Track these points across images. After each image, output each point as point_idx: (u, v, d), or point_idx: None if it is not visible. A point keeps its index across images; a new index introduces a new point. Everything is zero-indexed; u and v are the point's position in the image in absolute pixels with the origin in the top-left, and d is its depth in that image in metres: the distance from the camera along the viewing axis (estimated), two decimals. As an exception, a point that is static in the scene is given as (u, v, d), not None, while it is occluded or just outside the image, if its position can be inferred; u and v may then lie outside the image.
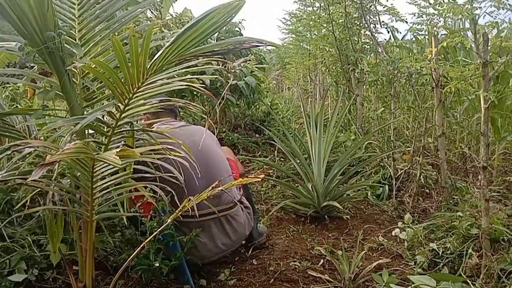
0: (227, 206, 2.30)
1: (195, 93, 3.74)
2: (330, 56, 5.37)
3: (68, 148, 1.00)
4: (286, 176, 4.08)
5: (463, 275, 2.15)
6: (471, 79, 2.30)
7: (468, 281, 2.05)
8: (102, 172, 1.38)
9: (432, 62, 2.69)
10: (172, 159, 1.65)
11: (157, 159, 1.55)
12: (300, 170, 3.48)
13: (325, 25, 5.08)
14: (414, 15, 2.77)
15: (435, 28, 2.76)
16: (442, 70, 2.65)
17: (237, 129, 5.92)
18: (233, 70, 3.68)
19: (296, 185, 3.57)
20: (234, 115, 6.11)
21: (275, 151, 5.06)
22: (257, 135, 5.95)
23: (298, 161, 3.53)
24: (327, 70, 6.01)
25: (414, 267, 2.37)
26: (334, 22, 4.66)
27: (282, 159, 4.95)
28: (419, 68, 2.80)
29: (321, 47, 5.70)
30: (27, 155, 1.44)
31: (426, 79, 3.69)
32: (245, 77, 4.05)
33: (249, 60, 4.17)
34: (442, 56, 3.17)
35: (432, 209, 3.09)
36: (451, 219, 2.58)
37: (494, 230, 2.24)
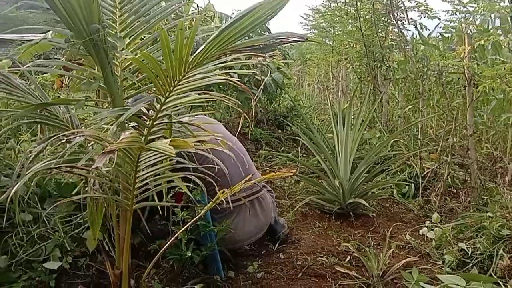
0: (256, 189, 2.42)
1: (221, 87, 3.77)
2: (355, 52, 5.33)
3: (126, 138, 1.03)
4: (310, 172, 4.09)
5: (493, 276, 2.14)
6: (506, 78, 2.27)
7: (499, 282, 2.04)
8: (146, 162, 1.41)
9: (465, 61, 2.65)
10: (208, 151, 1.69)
11: (199, 151, 1.58)
12: (325, 166, 3.47)
13: (351, 21, 5.04)
14: (448, 12, 2.73)
15: (467, 26, 2.72)
16: (476, 69, 2.62)
17: (260, 124, 5.94)
18: (259, 65, 3.69)
19: (320, 181, 3.58)
20: (257, 110, 6.13)
21: (298, 147, 5.07)
22: (279, 131, 5.96)
23: (323, 156, 3.53)
24: (351, 67, 5.97)
25: (443, 267, 2.36)
26: (361, 18, 4.63)
27: (305, 155, 4.95)
28: (451, 66, 2.76)
29: (346, 43, 5.67)
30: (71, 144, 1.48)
31: (456, 78, 3.65)
32: (272, 72, 4.05)
33: (275, 56, 4.17)
34: (474, 56, 3.12)
35: (460, 209, 3.06)
36: (481, 220, 2.55)
37: (526, 232, 2.22)
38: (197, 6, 5.32)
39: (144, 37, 1.86)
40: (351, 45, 5.62)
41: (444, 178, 3.18)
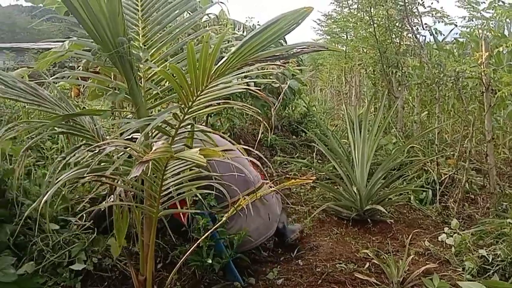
0: (252, 190, 2.38)
1: (237, 94, 3.81)
2: (369, 58, 5.33)
3: (159, 148, 1.07)
4: (325, 178, 4.10)
5: (515, 283, 2.12)
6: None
7: (522, 289, 2.02)
8: (173, 171, 1.45)
9: (482, 66, 2.65)
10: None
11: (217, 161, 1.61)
12: (341, 172, 3.48)
13: (365, 27, 5.05)
14: (464, 18, 2.73)
15: (485, 32, 2.71)
16: (492, 74, 2.61)
17: (274, 131, 5.97)
18: (275, 73, 3.72)
19: (336, 187, 3.58)
20: (270, 117, 6.15)
21: (313, 153, 5.08)
22: (294, 137, 5.98)
23: (339, 161, 3.53)
24: (365, 72, 5.97)
25: (463, 273, 2.35)
26: (375, 24, 4.64)
27: (320, 161, 4.96)
28: (467, 71, 2.76)
29: (359, 49, 5.68)
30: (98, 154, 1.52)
31: (471, 83, 3.63)
32: (288, 80, 4.08)
33: (290, 63, 4.20)
34: (492, 61, 3.10)
35: (479, 215, 3.04)
36: (501, 226, 2.53)
37: (549, 239, 2.20)
38: (209, 15, 5.40)
39: (167, 48, 1.91)
40: (365, 51, 5.63)
41: (462, 184, 3.17)
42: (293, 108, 6.58)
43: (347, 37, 7.45)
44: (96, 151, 1.31)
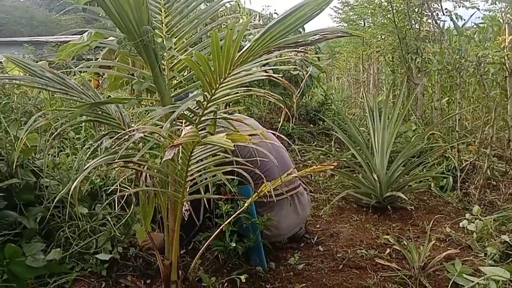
0: (296, 185, 2.50)
1: (256, 82, 3.82)
2: (388, 45, 5.27)
3: (188, 132, 1.10)
4: (344, 166, 4.10)
5: (539, 268, 2.11)
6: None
7: (545, 274, 2.01)
8: (198, 156, 1.48)
9: (506, 50, 2.60)
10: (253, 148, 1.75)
11: (241, 146, 1.64)
12: (361, 160, 3.48)
13: (384, 13, 4.99)
14: (487, 1, 2.68)
15: (509, 15, 2.66)
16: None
17: (292, 120, 5.97)
18: (293, 61, 3.71)
19: (355, 175, 3.59)
20: (288, 105, 6.16)
21: (331, 141, 5.08)
22: (311, 125, 5.98)
23: (358, 149, 3.53)
24: (383, 59, 5.91)
25: (485, 259, 2.35)
26: (394, 10, 4.58)
27: (338, 149, 4.96)
28: (491, 56, 2.72)
29: (377, 35, 5.62)
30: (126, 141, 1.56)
31: (493, 69, 3.57)
32: (307, 67, 4.08)
33: (310, 50, 4.19)
34: None
35: (500, 202, 3.02)
36: (524, 212, 2.51)
37: None
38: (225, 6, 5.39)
39: (189, 37, 1.93)
40: (383, 38, 5.56)
41: (484, 170, 3.13)
42: (310, 97, 6.57)
43: (364, 24, 7.38)
44: (123, 138, 1.35)
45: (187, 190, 1.68)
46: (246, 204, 1.92)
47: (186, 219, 2.07)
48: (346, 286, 2.08)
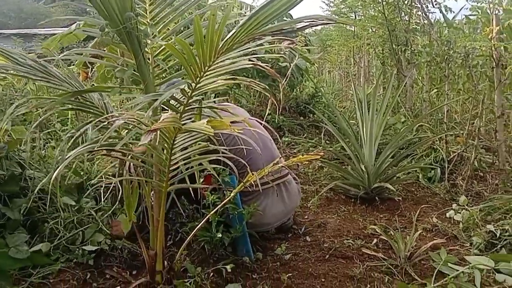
0: (283, 174, 2.46)
1: (245, 74, 3.80)
2: (378, 37, 5.27)
3: (167, 118, 1.08)
4: (333, 158, 4.11)
5: (523, 257, 2.13)
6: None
7: (529, 262, 2.04)
8: (181, 145, 1.46)
9: (493, 41, 2.61)
10: (237, 137, 1.74)
11: (226, 134, 1.62)
12: (350, 152, 3.48)
13: (374, 5, 4.98)
14: (474, -8, 2.68)
15: (496, 6, 2.66)
16: (503, 50, 2.57)
17: (282, 112, 5.96)
18: (282, 52, 3.70)
19: (344, 166, 3.59)
20: (279, 98, 6.14)
21: (321, 134, 5.08)
22: (301, 118, 5.97)
23: (347, 141, 3.54)
24: (373, 52, 5.91)
25: (470, 248, 2.36)
26: (384, 2, 4.57)
27: (328, 141, 4.96)
28: (478, 47, 2.72)
29: (368, 28, 5.62)
30: (107, 129, 1.54)
31: (481, 61, 3.58)
32: (295, 59, 4.06)
33: (298, 42, 4.17)
34: (505, 35, 3.05)
35: (487, 192, 3.04)
36: (509, 201, 2.53)
37: (557, 213, 2.19)
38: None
39: (174, 25, 1.90)
40: (374, 30, 5.56)
41: (471, 161, 3.15)
42: (300, 90, 6.55)
43: (355, 16, 7.37)
44: (106, 126, 1.33)
45: (170, 179, 1.67)
46: (232, 194, 1.91)
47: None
48: (332, 276, 2.08)
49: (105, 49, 2.30)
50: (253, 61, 1.75)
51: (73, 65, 4.07)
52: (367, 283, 2.01)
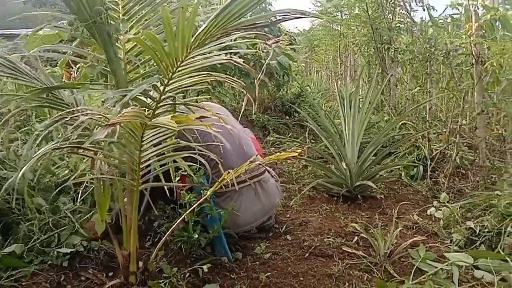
0: (258, 172, 2.41)
1: (228, 72, 3.75)
2: (362, 36, 5.28)
3: (128, 112, 1.04)
4: (318, 157, 4.10)
5: (501, 252, 2.13)
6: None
7: (507, 258, 2.04)
8: (151, 141, 1.43)
9: (472, 38, 2.61)
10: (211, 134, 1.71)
11: (199, 131, 1.59)
12: (333, 151, 3.48)
13: (358, 3, 4.98)
14: (456, -10, 2.68)
15: (475, 3, 2.67)
16: (484, 46, 2.58)
17: (267, 111, 5.95)
18: (266, 50, 3.67)
19: (328, 165, 3.58)
20: (264, 97, 6.13)
21: (306, 133, 5.07)
22: (287, 117, 5.96)
23: (331, 140, 3.53)
24: (359, 51, 5.92)
25: (450, 245, 2.36)
26: (367, 0, 4.57)
27: (312, 140, 4.95)
28: (458, 44, 2.73)
29: (353, 27, 5.62)
30: (77, 126, 1.50)
31: (464, 58, 3.59)
32: (278, 56, 4.04)
33: (282, 40, 4.15)
34: (483, 32, 3.06)
35: (468, 189, 3.05)
36: (489, 198, 2.54)
37: (535, 209, 2.20)
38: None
39: (147, 19, 1.86)
40: (358, 29, 5.57)
41: (453, 158, 3.16)
42: (287, 89, 6.54)
43: (341, 15, 7.38)
44: (68, 121, 1.28)
45: (142, 177, 1.63)
46: (208, 193, 1.88)
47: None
48: (311, 274, 2.06)
49: (88, 49, 2.25)
50: (228, 57, 1.72)
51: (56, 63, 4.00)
52: (345, 281, 1.99)
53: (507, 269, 1.97)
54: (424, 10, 4.52)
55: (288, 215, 2.90)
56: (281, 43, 4.14)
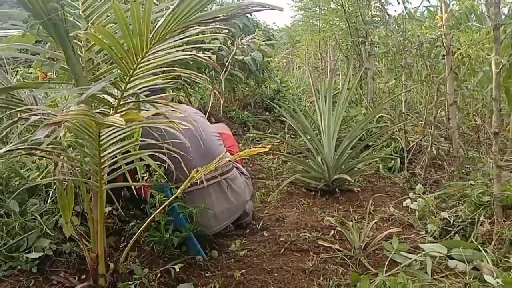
0: (224, 170, 2.33)
1: (200, 68, 3.72)
2: (340, 30, 5.28)
3: (73, 110, 1.00)
4: (297, 153, 4.09)
5: (474, 242, 2.15)
6: (482, 44, 2.25)
7: (480, 247, 2.05)
8: (109, 140, 1.39)
9: (442, 29, 2.62)
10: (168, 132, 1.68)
11: (157, 129, 1.56)
12: (310, 145, 3.47)
13: (334, -2, 4.98)
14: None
15: (445, -6, 2.68)
16: (452, 37, 2.59)
17: (247, 108, 5.92)
18: (241, 46, 3.64)
19: (307, 160, 3.57)
20: (244, 94, 6.10)
21: (286, 129, 5.06)
22: (267, 113, 5.95)
23: (308, 136, 3.52)
24: (337, 45, 5.93)
25: (425, 236, 2.37)
26: (343, -6, 4.57)
27: (292, 136, 4.94)
28: (429, 36, 2.74)
29: (330, 21, 5.62)
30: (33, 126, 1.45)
31: (438, 50, 3.61)
32: (252, 52, 4.01)
33: (257, 36, 4.12)
34: (452, 23, 3.08)
35: (444, 180, 3.06)
36: (463, 188, 2.55)
37: (506, 197, 2.22)
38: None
39: (109, 15, 1.82)
40: (336, 23, 5.57)
41: (428, 150, 3.18)
42: (268, 86, 6.52)
43: (320, 10, 7.38)
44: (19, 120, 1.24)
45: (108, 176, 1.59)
46: (179, 191, 1.84)
47: None
48: (285, 270, 2.04)
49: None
50: (191, 52, 1.69)
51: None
52: (320, 275, 1.98)
53: (479, 258, 1.98)
54: (398, 3, 4.55)
55: (266, 211, 2.88)
56: (256, 39, 4.12)
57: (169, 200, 1.84)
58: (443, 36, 2.65)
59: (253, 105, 5.95)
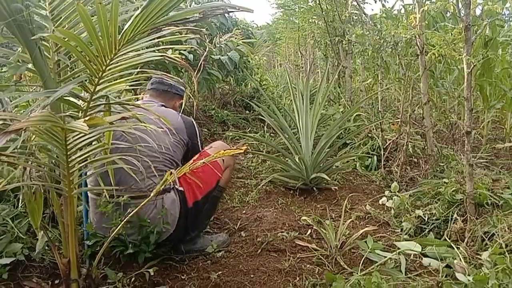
0: (135, 195, 2.01)
1: (180, 69, 3.68)
2: (318, 28, 5.30)
3: (34, 116, 0.98)
4: (276, 152, 4.09)
5: (447, 239, 2.18)
6: (454, 44, 2.28)
7: (453, 245, 2.09)
8: (76, 145, 1.36)
9: (416, 29, 2.65)
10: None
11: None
12: (289, 144, 3.47)
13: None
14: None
15: (419, -6, 2.71)
16: (425, 37, 2.62)
17: (227, 106, 5.89)
18: (218, 45, 3.62)
19: (286, 159, 3.58)
20: (223, 92, 6.08)
21: (265, 127, 5.06)
22: (247, 112, 5.93)
23: (287, 135, 3.53)
24: (315, 44, 5.95)
25: (401, 234, 2.40)
26: (320, -7, 4.58)
27: (272, 134, 4.94)
28: (404, 36, 2.76)
29: (309, 20, 5.63)
30: None
31: (414, 49, 3.65)
32: (229, 52, 3.99)
33: (235, 35, 4.10)
34: (426, 23, 3.12)
35: (420, 178, 3.11)
36: (437, 186, 2.59)
37: (479, 195, 2.26)
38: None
39: (77, 16, 1.78)
40: (314, 22, 5.59)
41: (404, 148, 3.22)
42: (248, 84, 6.51)
43: (299, 9, 7.39)
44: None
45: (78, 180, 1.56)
46: (152, 194, 1.82)
47: None
48: (262, 271, 2.03)
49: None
50: (163, 53, 1.67)
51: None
52: (296, 275, 1.99)
53: (452, 255, 2.01)
54: (375, 1, 4.58)
55: (244, 211, 2.88)
56: (234, 38, 4.10)
57: (141, 204, 1.81)
58: (416, 36, 2.68)
59: (233, 103, 5.93)
